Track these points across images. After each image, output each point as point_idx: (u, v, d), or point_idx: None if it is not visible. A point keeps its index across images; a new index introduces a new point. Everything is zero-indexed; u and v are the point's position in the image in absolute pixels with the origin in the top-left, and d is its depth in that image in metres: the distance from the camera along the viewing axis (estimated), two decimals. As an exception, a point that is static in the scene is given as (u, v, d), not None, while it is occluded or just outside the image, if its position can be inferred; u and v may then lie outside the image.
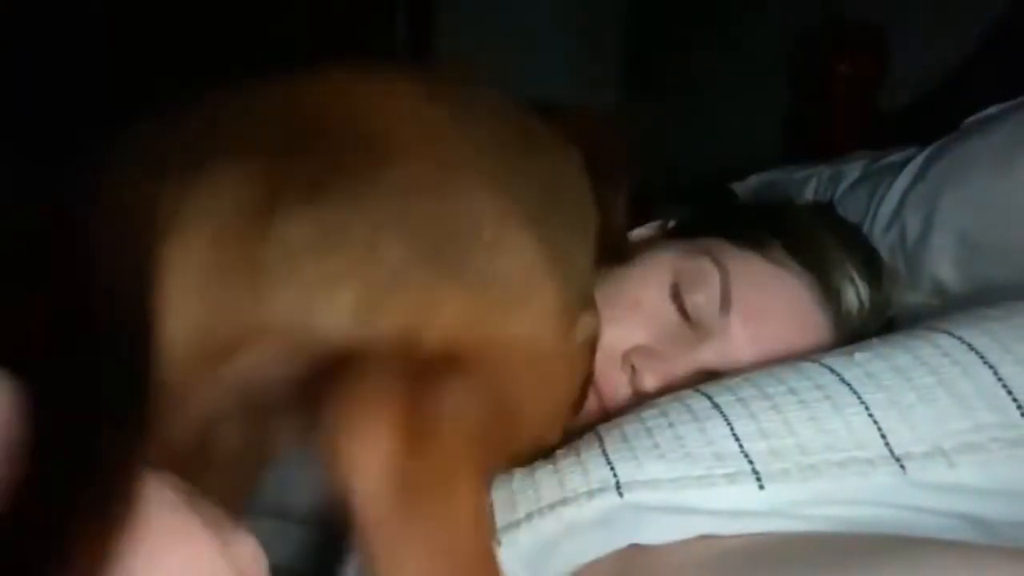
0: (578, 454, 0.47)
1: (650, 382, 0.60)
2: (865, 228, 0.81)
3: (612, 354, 0.62)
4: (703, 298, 0.62)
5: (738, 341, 0.61)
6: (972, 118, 0.75)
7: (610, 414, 0.56)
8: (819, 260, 0.64)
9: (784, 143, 1.41)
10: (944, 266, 0.73)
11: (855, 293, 0.64)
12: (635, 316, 0.63)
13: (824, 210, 0.77)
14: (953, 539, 0.42)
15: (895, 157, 0.83)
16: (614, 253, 0.60)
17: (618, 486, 0.43)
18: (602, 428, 0.50)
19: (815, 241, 0.66)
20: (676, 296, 0.63)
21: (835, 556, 0.41)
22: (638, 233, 0.76)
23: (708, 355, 0.61)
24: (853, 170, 0.89)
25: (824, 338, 0.63)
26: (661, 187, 0.60)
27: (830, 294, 0.64)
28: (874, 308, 0.66)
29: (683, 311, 0.62)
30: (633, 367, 0.61)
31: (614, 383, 0.61)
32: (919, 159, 0.78)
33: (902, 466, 0.43)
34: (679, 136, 1.84)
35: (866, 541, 0.42)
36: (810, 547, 0.42)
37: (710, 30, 1.79)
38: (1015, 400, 0.44)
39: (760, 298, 0.62)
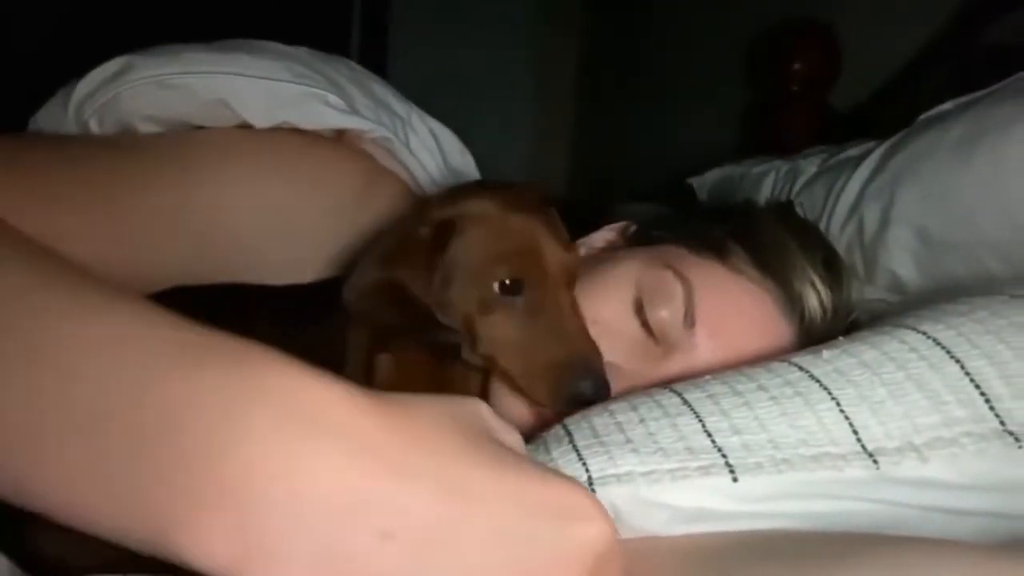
0: (548, 450, 0.45)
1: None
2: (823, 223, 0.81)
3: None
4: (667, 313, 0.60)
5: (703, 354, 0.60)
6: (928, 113, 0.76)
7: None
8: (781, 267, 0.63)
9: (740, 140, 1.42)
10: (901, 261, 0.73)
11: (818, 299, 0.63)
12: (599, 333, 0.61)
13: (784, 211, 0.76)
14: (925, 534, 0.41)
15: (852, 152, 0.83)
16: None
17: (590, 482, 0.42)
18: (569, 422, 0.48)
19: (777, 247, 0.65)
20: (639, 311, 0.62)
21: (806, 555, 0.40)
22: (599, 237, 0.75)
23: (674, 369, 0.60)
24: (810, 165, 0.89)
25: (788, 345, 0.62)
26: (622, 183, 0.58)
27: (793, 301, 0.63)
28: (837, 313, 0.65)
29: (647, 326, 0.61)
30: None
31: None
32: (877, 153, 0.78)
33: (875, 461, 0.43)
34: (638, 133, 1.85)
35: (838, 539, 0.41)
36: (782, 545, 0.41)
37: (668, 29, 1.79)
38: (983, 394, 0.44)
39: (724, 309, 0.61)
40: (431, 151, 0.69)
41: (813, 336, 0.62)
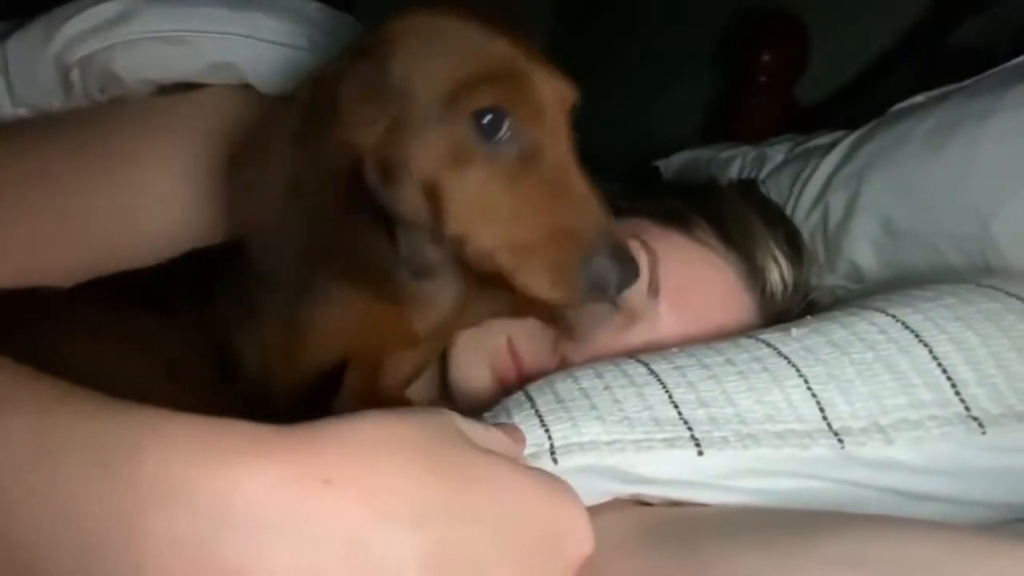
0: (509, 415, 0.44)
1: None
2: (788, 210, 0.80)
3: (542, 341, 0.61)
4: None
5: (666, 323, 0.60)
6: (900, 105, 0.75)
7: None
8: (744, 240, 0.64)
9: (707, 130, 1.41)
10: (863, 251, 0.73)
11: (779, 273, 0.64)
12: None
13: (748, 188, 0.77)
14: (886, 514, 0.41)
15: (821, 140, 0.83)
16: None
17: (552, 450, 0.40)
18: (531, 388, 0.46)
19: (740, 221, 0.65)
20: None
21: (773, 530, 0.38)
22: None
23: (636, 339, 0.59)
24: (777, 152, 0.89)
25: (749, 318, 0.63)
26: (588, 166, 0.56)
27: (755, 273, 0.63)
28: (796, 287, 0.65)
29: None
30: (563, 354, 0.60)
31: (544, 370, 0.58)
32: (846, 143, 0.78)
33: (840, 440, 0.42)
34: (603, 119, 1.83)
35: (805, 516, 0.40)
36: (749, 520, 0.40)
37: (636, 14, 1.78)
38: (950, 379, 0.44)
39: (687, 280, 0.61)
40: None
41: (773, 310, 0.63)
